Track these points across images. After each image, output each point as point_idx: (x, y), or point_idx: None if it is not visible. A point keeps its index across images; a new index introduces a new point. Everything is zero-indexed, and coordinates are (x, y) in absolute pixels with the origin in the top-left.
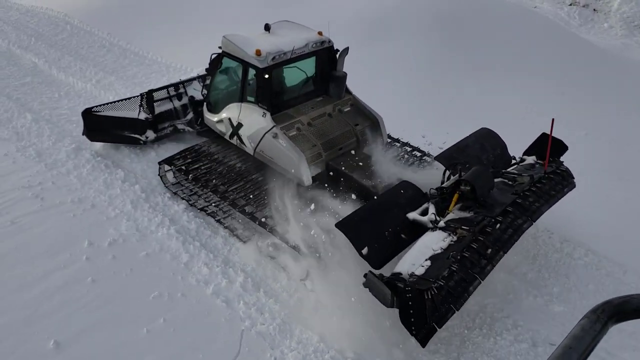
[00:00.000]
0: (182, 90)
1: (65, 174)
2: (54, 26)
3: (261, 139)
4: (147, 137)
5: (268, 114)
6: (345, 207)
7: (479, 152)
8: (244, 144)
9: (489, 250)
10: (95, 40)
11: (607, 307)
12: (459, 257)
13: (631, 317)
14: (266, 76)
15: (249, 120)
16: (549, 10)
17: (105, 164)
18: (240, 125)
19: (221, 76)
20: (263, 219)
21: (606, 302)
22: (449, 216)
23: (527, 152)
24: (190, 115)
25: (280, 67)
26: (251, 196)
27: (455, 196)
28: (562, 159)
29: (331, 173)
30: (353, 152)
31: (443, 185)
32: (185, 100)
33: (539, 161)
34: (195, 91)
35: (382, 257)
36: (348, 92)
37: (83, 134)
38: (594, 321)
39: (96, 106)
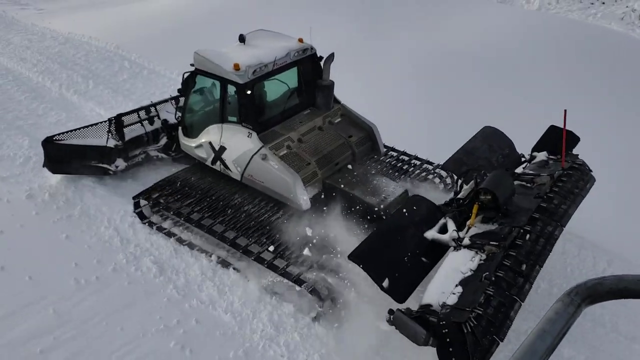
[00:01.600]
0: (153, 113)
1: None
2: (108, 62)
3: (249, 162)
4: (117, 167)
5: (254, 134)
6: (351, 231)
7: (488, 153)
8: (229, 169)
9: (524, 266)
10: (166, 82)
11: (581, 289)
12: (493, 279)
13: (604, 298)
14: (248, 92)
15: (233, 142)
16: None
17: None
18: (223, 149)
19: (196, 96)
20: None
21: (579, 284)
22: (472, 231)
23: (537, 148)
24: (163, 141)
25: (261, 81)
26: (245, 228)
27: (475, 207)
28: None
29: (330, 192)
30: (350, 166)
31: (459, 196)
32: (157, 124)
33: (551, 157)
34: (169, 114)
35: (406, 287)
36: (337, 101)
37: (44, 166)
38: (567, 304)
39: (58, 134)
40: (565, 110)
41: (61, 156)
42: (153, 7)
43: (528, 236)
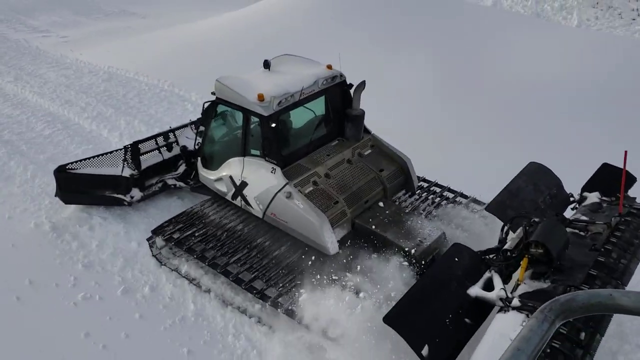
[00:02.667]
0: (172, 139)
1: None
2: (167, 104)
3: (272, 200)
4: (132, 197)
5: (278, 169)
6: (385, 280)
7: (534, 194)
8: (251, 206)
9: (583, 335)
10: None
11: (555, 305)
12: (548, 350)
13: (577, 313)
14: (273, 125)
15: (255, 177)
16: None
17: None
18: (244, 184)
19: (217, 127)
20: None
21: (553, 300)
22: (521, 289)
23: (587, 188)
24: (182, 168)
25: (287, 112)
26: (272, 276)
27: (525, 261)
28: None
29: (360, 234)
30: (381, 204)
31: (506, 247)
32: (176, 150)
33: (604, 198)
34: (188, 140)
35: (448, 355)
36: (367, 131)
37: (56, 196)
38: (541, 321)
39: (71, 163)
40: (626, 152)
41: (74, 186)
42: (183, 32)
43: None
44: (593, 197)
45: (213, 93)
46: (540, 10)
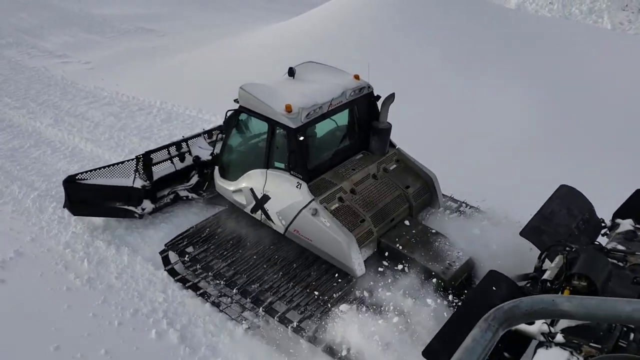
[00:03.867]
0: (185, 149)
1: None
2: None
3: (296, 217)
4: (143, 209)
5: (304, 185)
6: (414, 307)
7: (567, 218)
8: (272, 221)
9: None
10: None
11: (498, 313)
12: None
13: (520, 321)
14: (301, 138)
15: (279, 192)
16: None
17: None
18: (266, 197)
19: (239, 136)
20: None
21: (497, 308)
22: (563, 323)
23: (620, 214)
24: (194, 179)
25: (315, 124)
26: (295, 299)
27: (567, 293)
28: None
29: (386, 254)
30: (407, 222)
31: (545, 277)
32: (188, 161)
33: (637, 226)
34: (201, 150)
35: None
36: (392, 145)
37: (64, 207)
38: (485, 330)
39: (80, 173)
40: None
41: (83, 197)
42: (222, 51)
43: (632, 335)
44: (626, 224)
45: (236, 101)
46: (568, 14)
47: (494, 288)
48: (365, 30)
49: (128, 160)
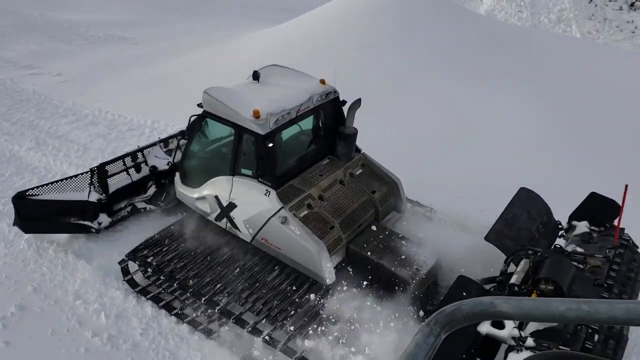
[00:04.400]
0: (141, 159)
1: None
2: None
3: (264, 225)
4: (100, 224)
5: (272, 192)
6: (383, 314)
7: (528, 222)
8: (238, 229)
9: None
10: None
11: (440, 317)
12: None
13: (462, 323)
14: (270, 145)
15: (246, 199)
16: None
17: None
18: (232, 205)
19: (202, 142)
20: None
21: (439, 312)
22: (532, 326)
23: (576, 216)
24: (152, 190)
25: (283, 130)
26: (265, 309)
27: (534, 297)
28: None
29: (353, 260)
30: (374, 227)
31: (512, 282)
32: (145, 171)
33: (593, 228)
34: (158, 159)
35: None
36: (357, 150)
37: (14, 224)
38: (427, 334)
39: (31, 188)
40: (626, 186)
41: (34, 213)
42: (209, 60)
43: (597, 337)
44: (582, 226)
45: (200, 105)
46: (537, 22)
47: (464, 293)
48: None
49: (82, 173)
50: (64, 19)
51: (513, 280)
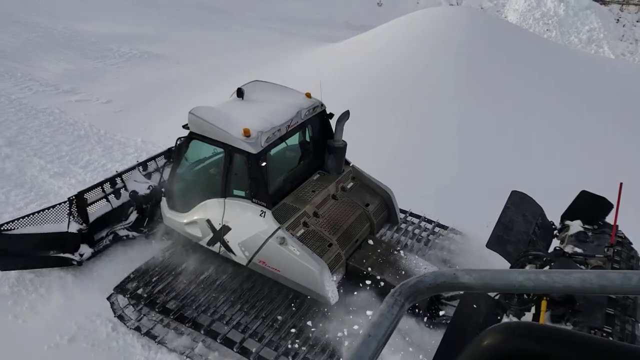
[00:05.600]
0: (120, 184)
1: None
2: None
3: (261, 247)
4: (81, 255)
5: (268, 212)
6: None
7: (524, 225)
8: (233, 253)
9: None
10: None
11: (404, 288)
12: None
13: (425, 294)
14: (263, 164)
15: (240, 221)
16: None
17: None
18: (226, 228)
19: (189, 164)
20: None
21: (403, 283)
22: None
23: (568, 216)
24: (133, 216)
25: (273, 147)
26: (267, 335)
27: (544, 304)
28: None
29: (354, 277)
30: (371, 241)
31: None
32: (125, 197)
33: (586, 227)
34: (137, 184)
35: None
36: (346, 162)
37: None
38: (391, 304)
39: (6, 223)
40: (621, 184)
41: (10, 248)
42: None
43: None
44: (576, 225)
45: (186, 126)
46: (567, 42)
47: (474, 306)
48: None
49: (60, 204)
50: (87, 31)
51: None
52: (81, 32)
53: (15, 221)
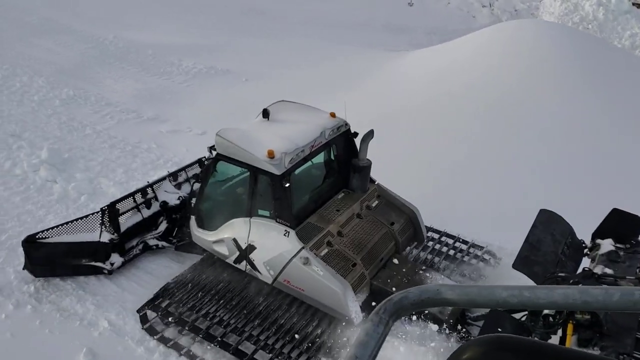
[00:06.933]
0: (150, 195)
1: None
2: None
3: (285, 266)
4: (112, 264)
5: (292, 232)
6: (421, 353)
7: (553, 245)
8: (258, 271)
9: None
10: None
11: (388, 305)
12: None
13: (409, 311)
14: (287, 185)
15: (265, 241)
16: None
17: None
18: (251, 247)
19: (216, 184)
20: None
21: (387, 300)
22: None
23: (599, 234)
24: (163, 226)
25: (297, 168)
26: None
27: (570, 328)
28: None
29: (379, 298)
30: (396, 260)
31: (546, 312)
32: (155, 207)
33: (618, 245)
34: (167, 194)
35: None
36: (371, 181)
37: (24, 269)
38: (377, 323)
39: (41, 232)
40: None
41: (45, 257)
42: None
43: None
44: (607, 244)
45: (212, 148)
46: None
47: (499, 329)
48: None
49: (92, 214)
50: (140, 42)
51: (547, 310)
52: (134, 43)
53: (50, 230)
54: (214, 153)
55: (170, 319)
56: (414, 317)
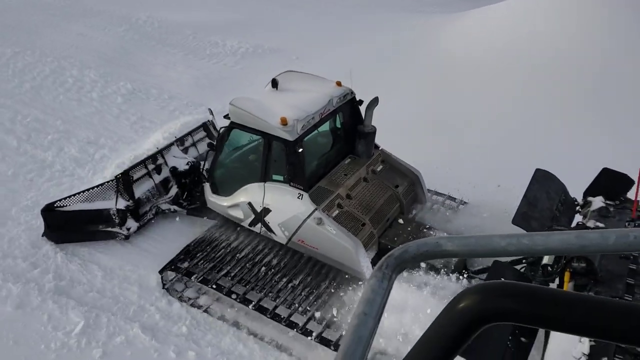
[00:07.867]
0: (160, 161)
1: None
2: None
3: (300, 227)
4: (128, 229)
5: (305, 195)
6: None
7: (548, 202)
8: (273, 232)
9: None
10: None
11: (390, 261)
12: None
13: (410, 263)
14: (300, 150)
15: (280, 204)
16: None
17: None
18: (266, 210)
19: (230, 151)
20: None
21: (388, 256)
22: None
23: (590, 192)
24: (174, 190)
25: (309, 134)
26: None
27: (567, 275)
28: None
29: (385, 254)
30: (401, 221)
31: (545, 262)
32: (166, 172)
33: (608, 202)
34: (176, 159)
35: None
36: (375, 146)
37: (43, 236)
38: (380, 279)
39: (58, 200)
40: None
41: (63, 224)
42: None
43: None
44: (598, 202)
45: (227, 116)
46: None
47: (502, 279)
48: None
49: (108, 182)
50: (175, 21)
51: (545, 260)
52: (170, 23)
53: (67, 198)
54: (228, 122)
55: (192, 278)
56: (421, 272)
